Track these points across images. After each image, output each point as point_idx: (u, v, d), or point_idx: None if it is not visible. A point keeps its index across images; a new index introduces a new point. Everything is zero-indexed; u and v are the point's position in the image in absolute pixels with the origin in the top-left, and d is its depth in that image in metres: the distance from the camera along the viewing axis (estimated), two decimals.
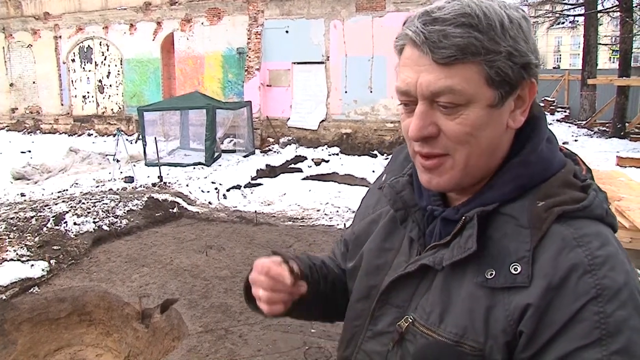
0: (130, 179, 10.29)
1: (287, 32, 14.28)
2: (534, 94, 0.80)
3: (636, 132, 14.35)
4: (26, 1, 18.96)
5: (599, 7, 17.91)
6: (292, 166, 12.65)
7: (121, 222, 7.39)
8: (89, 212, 7.35)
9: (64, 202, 7.87)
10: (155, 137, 11.38)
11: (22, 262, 5.74)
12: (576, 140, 14.43)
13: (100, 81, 18.10)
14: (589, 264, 0.70)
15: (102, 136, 17.47)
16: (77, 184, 10.16)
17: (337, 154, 13.44)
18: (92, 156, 12.96)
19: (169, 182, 10.33)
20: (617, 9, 16.51)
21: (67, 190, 9.66)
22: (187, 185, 10.16)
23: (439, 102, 0.76)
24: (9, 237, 6.34)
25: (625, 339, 0.66)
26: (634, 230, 4.11)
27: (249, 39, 14.72)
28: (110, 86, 17.97)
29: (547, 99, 19.48)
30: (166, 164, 11.50)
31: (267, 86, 14.71)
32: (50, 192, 9.54)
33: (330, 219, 8.51)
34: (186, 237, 7.15)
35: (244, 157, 13.11)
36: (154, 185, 10.12)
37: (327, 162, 12.88)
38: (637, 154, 11.66)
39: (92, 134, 17.88)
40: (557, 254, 0.71)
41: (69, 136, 18.13)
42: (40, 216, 7.05)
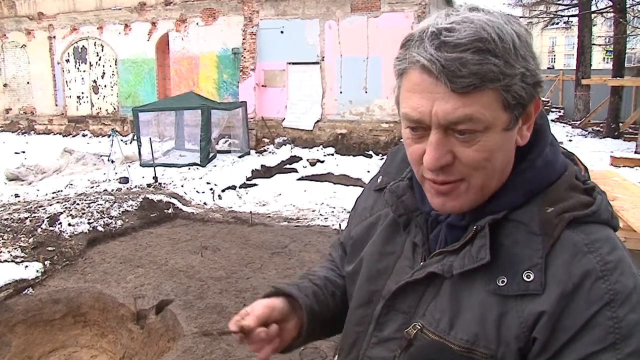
0: (125, 180, 10.26)
1: (282, 32, 14.26)
2: (538, 108, 0.80)
3: (630, 132, 14.43)
4: (20, 1, 18.81)
5: (593, 8, 18.01)
6: (288, 166, 12.64)
7: (116, 223, 7.36)
8: (83, 213, 7.32)
9: (58, 203, 7.83)
10: (150, 138, 11.33)
11: (16, 263, 5.71)
12: (570, 140, 14.52)
13: (94, 81, 18.00)
14: (601, 269, 0.71)
15: (97, 137, 17.36)
16: (71, 184, 10.12)
17: (333, 154, 13.43)
18: (87, 157, 12.92)
19: (164, 183, 10.30)
20: (611, 10, 16.61)
21: (61, 191, 9.62)
22: (182, 185, 10.13)
23: (454, 129, 0.74)
24: (2, 239, 6.31)
25: (637, 341, 0.68)
26: (627, 230, 4.12)
27: (244, 39, 14.70)
28: (104, 87, 17.88)
29: (541, 99, 19.55)
30: (161, 165, 11.46)
31: (262, 86, 14.69)
32: (44, 193, 9.50)
33: (325, 219, 8.52)
34: (181, 238, 7.13)
35: (239, 157, 13.07)
36: (149, 186, 10.09)
37: (323, 162, 12.87)
38: (631, 153, 11.74)
39: (86, 135, 17.78)
40: (570, 261, 0.72)
41: (64, 137, 18.02)
42: (34, 217, 7.02)
